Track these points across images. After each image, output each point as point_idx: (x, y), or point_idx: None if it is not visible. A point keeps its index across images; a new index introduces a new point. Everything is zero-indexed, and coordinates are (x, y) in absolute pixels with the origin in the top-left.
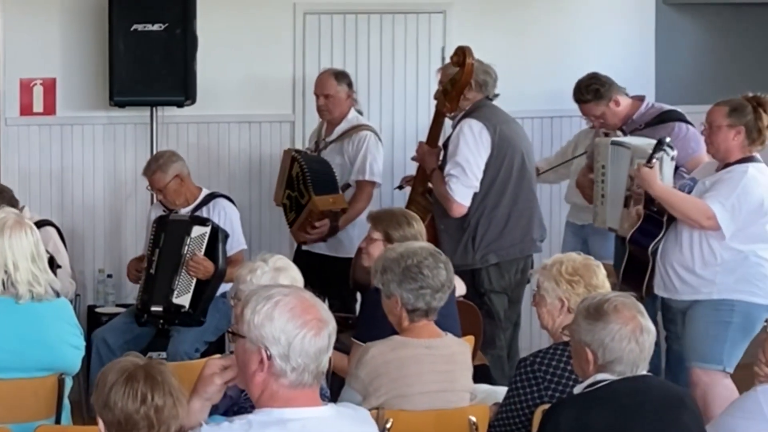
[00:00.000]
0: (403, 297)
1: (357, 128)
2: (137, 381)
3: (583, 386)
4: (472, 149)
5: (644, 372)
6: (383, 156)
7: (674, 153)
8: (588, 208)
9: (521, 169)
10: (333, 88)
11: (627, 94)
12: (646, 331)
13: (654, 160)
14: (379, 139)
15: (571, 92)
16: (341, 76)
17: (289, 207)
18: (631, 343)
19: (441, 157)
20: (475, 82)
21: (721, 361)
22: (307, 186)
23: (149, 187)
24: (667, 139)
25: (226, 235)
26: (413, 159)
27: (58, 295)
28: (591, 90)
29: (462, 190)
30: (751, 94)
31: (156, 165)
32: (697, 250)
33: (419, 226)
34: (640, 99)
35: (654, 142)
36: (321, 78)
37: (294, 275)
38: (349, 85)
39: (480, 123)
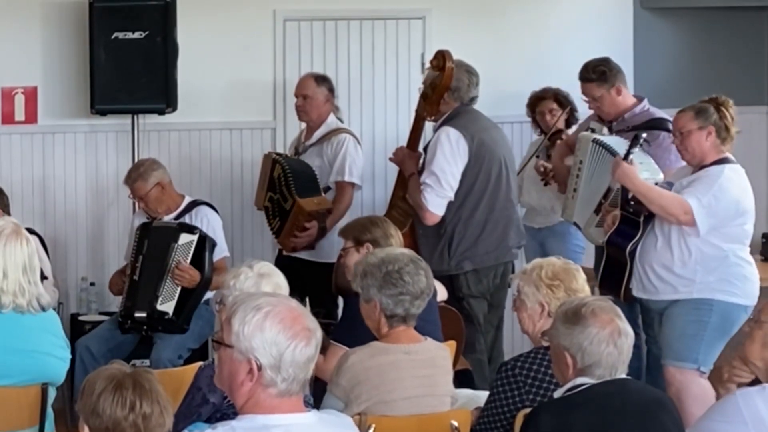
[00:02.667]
0: (383, 302)
1: (336, 131)
2: (126, 389)
3: (563, 390)
4: (448, 158)
5: (623, 375)
6: (363, 160)
7: (644, 151)
8: (543, 211)
9: (498, 176)
10: (311, 89)
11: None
12: (624, 334)
13: (631, 155)
14: (359, 143)
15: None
16: (321, 80)
17: (272, 211)
18: (609, 346)
19: (421, 162)
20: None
21: (696, 360)
22: (290, 189)
23: (131, 196)
24: (644, 135)
25: (214, 244)
26: (391, 160)
27: (44, 309)
28: (597, 70)
29: (435, 200)
30: (707, 97)
31: (137, 173)
32: (676, 248)
33: (386, 227)
34: (639, 100)
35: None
36: (301, 79)
37: (278, 281)
38: (330, 90)
39: (458, 131)
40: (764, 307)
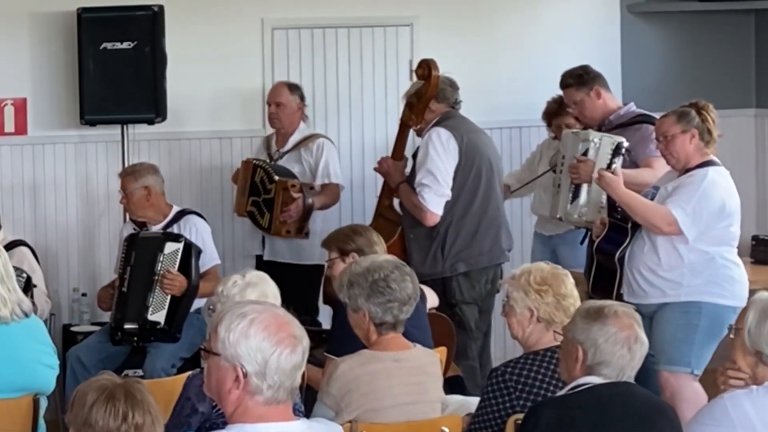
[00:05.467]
0: (371, 311)
1: (312, 137)
2: (118, 399)
3: (566, 389)
4: (441, 157)
5: (629, 380)
6: (352, 168)
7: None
8: (553, 219)
9: (489, 177)
10: (285, 97)
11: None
12: (640, 341)
13: (614, 165)
14: (334, 145)
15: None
16: (294, 88)
17: (259, 212)
18: (623, 348)
19: (410, 168)
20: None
21: (689, 364)
22: (272, 177)
23: (120, 190)
24: (626, 144)
25: (199, 251)
26: (375, 170)
27: (26, 315)
28: (574, 75)
29: (435, 199)
30: (687, 102)
31: (131, 169)
32: (663, 252)
33: (369, 235)
34: (626, 105)
35: (604, 135)
36: (274, 87)
37: (265, 290)
38: (302, 98)
39: (447, 131)
40: (740, 315)
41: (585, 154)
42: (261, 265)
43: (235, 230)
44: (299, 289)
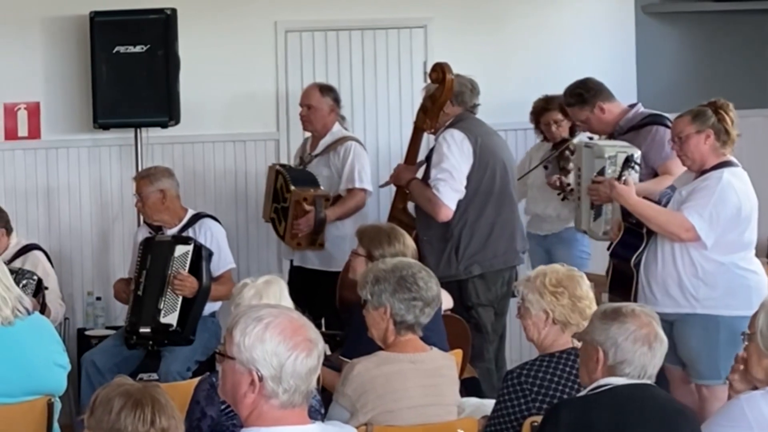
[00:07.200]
0: (395, 307)
1: (342, 140)
2: (146, 405)
3: (587, 390)
4: (456, 156)
5: (650, 381)
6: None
7: (636, 171)
8: (548, 218)
9: (503, 179)
10: (315, 99)
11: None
12: (660, 339)
13: (624, 176)
14: (364, 149)
15: None
16: (326, 90)
17: (278, 220)
18: (644, 346)
19: (424, 170)
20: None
21: (719, 375)
22: (289, 187)
23: (135, 193)
24: (635, 156)
25: (210, 253)
26: (386, 185)
27: (28, 312)
28: (575, 94)
29: (449, 193)
30: (706, 102)
31: (146, 172)
32: (680, 262)
33: (402, 245)
34: (631, 106)
35: (621, 143)
36: (306, 89)
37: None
38: (335, 100)
39: (461, 133)
40: (751, 320)
41: (602, 172)
42: (292, 271)
43: (250, 234)
44: (329, 295)
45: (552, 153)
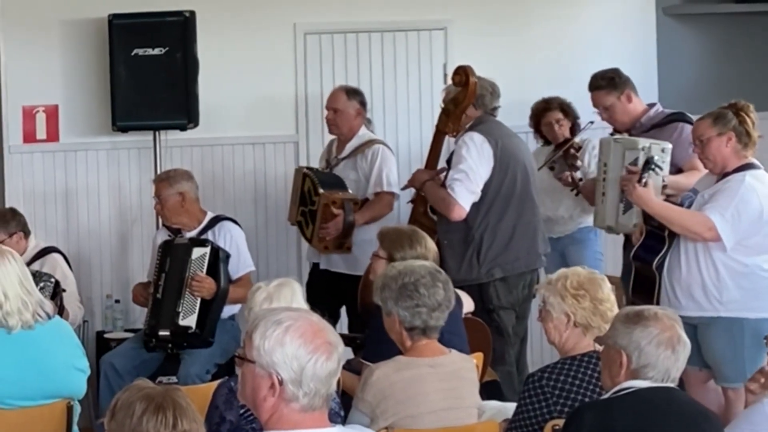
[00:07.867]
0: (400, 314)
1: (369, 143)
2: (168, 409)
3: (610, 393)
4: (474, 159)
5: (673, 385)
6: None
7: (664, 172)
8: (560, 220)
9: (524, 182)
10: (341, 103)
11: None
12: (683, 342)
13: (644, 179)
14: (392, 152)
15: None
16: (353, 93)
17: (305, 223)
18: (667, 349)
19: (443, 176)
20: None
21: (745, 378)
22: (317, 189)
23: (154, 196)
24: (656, 158)
25: (227, 255)
26: (405, 188)
27: (49, 316)
28: (606, 77)
29: (464, 193)
30: (727, 103)
31: (166, 175)
32: (703, 265)
33: (423, 248)
34: (651, 105)
35: (652, 141)
36: (332, 92)
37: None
38: (362, 103)
39: (482, 136)
40: None
41: (634, 163)
42: (316, 273)
43: (269, 236)
44: (353, 299)
45: (556, 153)
